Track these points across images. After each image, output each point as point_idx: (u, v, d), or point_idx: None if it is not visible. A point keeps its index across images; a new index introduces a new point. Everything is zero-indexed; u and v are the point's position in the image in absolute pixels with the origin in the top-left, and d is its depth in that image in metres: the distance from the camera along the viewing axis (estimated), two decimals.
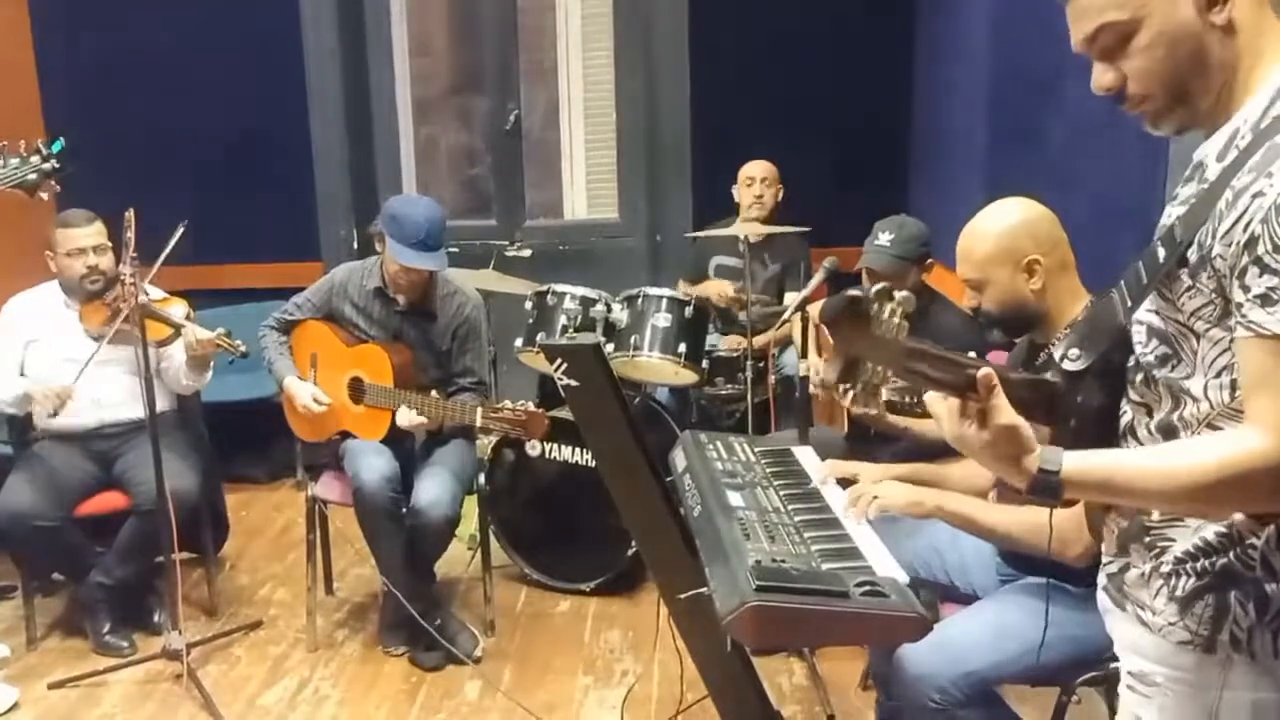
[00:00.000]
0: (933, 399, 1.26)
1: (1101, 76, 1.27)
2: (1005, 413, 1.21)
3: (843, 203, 3.68)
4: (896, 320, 1.22)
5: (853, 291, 1.21)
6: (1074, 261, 2.07)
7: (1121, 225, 2.53)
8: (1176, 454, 1.21)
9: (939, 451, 2.76)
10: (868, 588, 1.62)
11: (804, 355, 3.07)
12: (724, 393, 3.85)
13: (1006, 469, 1.23)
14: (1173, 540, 1.27)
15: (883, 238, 2.91)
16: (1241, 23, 1.20)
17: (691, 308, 3.51)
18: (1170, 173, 2.23)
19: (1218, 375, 1.22)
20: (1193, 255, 1.20)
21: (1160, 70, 1.22)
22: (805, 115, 4.46)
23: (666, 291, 3.58)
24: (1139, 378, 1.32)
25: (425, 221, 3.04)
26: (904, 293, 1.27)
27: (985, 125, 3.57)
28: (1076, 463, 1.21)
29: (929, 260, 2.94)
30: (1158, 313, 1.28)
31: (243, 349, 3.16)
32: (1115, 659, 1.40)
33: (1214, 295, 1.19)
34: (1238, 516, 1.22)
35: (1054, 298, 2.04)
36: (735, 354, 3.75)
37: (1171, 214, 1.28)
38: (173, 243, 3.02)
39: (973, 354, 1.26)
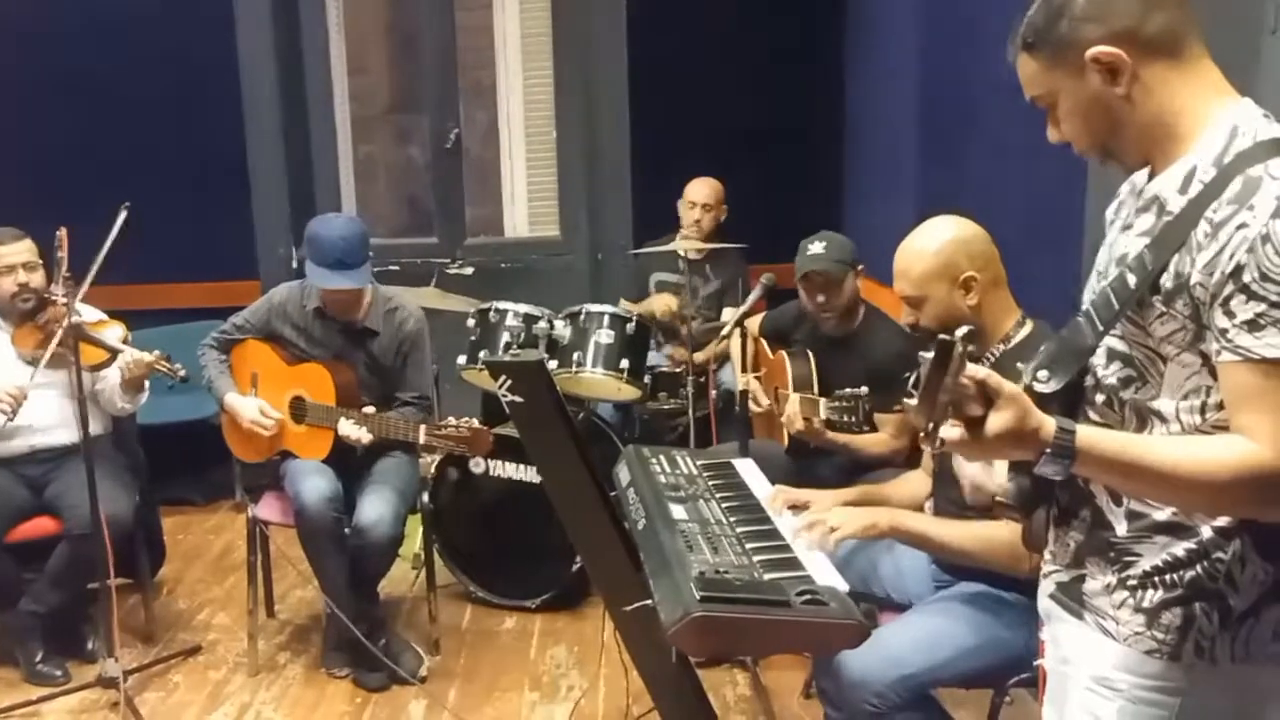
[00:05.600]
0: (949, 431, 1.24)
1: (1050, 133, 1.40)
2: (1008, 384, 1.23)
3: (779, 220, 3.74)
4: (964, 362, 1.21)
5: (942, 336, 1.18)
6: (1005, 277, 2.14)
7: (1044, 242, 2.62)
8: (1187, 446, 1.25)
9: (875, 465, 2.85)
10: (808, 596, 1.66)
11: (744, 370, 3.12)
12: (666, 408, 3.89)
13: (1025, 441, 1.23)
14: (1139, 555, 1.33)
15: (815, 246, 2.97)
16: (1151, 86, 1.29)
17: (633, 324, 3.55)
18: (1089, 193, 2.33)
19: (1186, 398, 1.28)
20: (1167, 282, 1.26)
21: (1082, 133, 1.36)
22: (742, 134, 4.53)
23: (608, 308, 3.60)
24: (1100, 399, 1.37)
25: (340, 240, 3.00)
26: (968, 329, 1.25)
27: (915, 145, 3.66)
28: (1090, 431, 1.26)
29: (860, 267, 3.03)
30: (1123, 337, 1.34)
31: (182, 373, 3.11)
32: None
33: (1187, 321, 1.25)
34: (1205, 532, 1.28)
35: (989, 313, 2.11)
36: (677, 370, 3.79)
37: (1132, 243, 1.34)
38: (114, 232, 2.97)
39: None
